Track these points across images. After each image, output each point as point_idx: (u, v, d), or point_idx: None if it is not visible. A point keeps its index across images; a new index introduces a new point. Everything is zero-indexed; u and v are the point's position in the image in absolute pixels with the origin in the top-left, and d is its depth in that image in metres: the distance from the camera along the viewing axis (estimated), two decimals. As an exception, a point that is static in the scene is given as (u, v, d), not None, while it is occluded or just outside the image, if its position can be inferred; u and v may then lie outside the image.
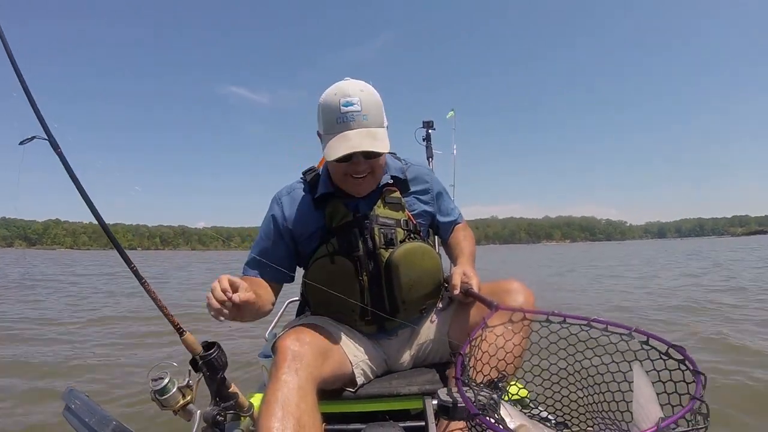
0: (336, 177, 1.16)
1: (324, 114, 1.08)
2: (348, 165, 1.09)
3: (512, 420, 0.75)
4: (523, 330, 0.91)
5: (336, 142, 1.04)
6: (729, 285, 6.99)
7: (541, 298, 1.14)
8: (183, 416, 1.02)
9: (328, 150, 1.05)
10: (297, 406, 0.86)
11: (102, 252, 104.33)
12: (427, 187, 1.30)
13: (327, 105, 1.07)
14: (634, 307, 5.19)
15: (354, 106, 1.05)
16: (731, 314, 4.42)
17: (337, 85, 1.09)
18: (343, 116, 1.04)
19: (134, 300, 7.62)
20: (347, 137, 1.04)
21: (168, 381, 1.00)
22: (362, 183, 1.14)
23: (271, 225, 1.22)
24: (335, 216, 1.16)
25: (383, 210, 1.18)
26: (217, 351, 1.03)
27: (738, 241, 46.88)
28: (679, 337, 3.50)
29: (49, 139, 1.00)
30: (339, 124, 1.05)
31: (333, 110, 1.05)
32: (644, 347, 0.72)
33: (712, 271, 9.53)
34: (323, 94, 1.09)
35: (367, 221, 1.15)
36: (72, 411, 0.94)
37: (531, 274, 9.49)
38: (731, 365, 2.69)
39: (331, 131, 1.06)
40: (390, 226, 1.16)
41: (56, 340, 5.32)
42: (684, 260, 12.28)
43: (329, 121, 1.06)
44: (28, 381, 3.60)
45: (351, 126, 1.05)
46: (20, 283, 10.80)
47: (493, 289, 1.12)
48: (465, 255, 1.28)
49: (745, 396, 2.20)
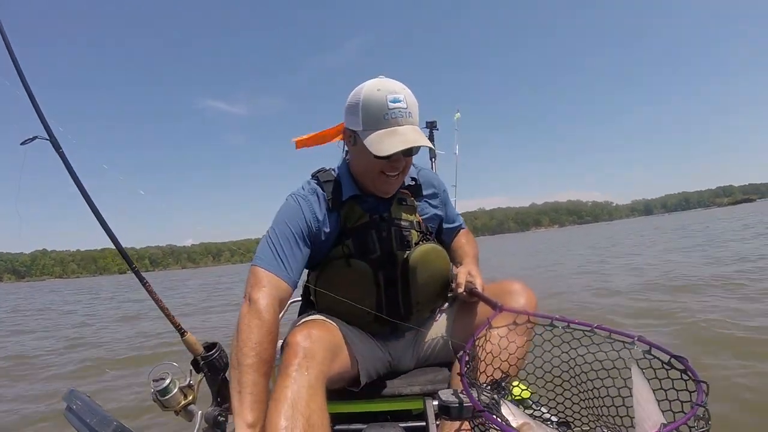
0: (368, 174, 1.14)
1: (367, 109, 1.06)
2: (387, 162, 1.08)
3: (515, 419, 0.75)
4: (526, 332, 0.91)
5: (386, 137, 1.04)
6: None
7: (542, 299, 1.14)
8: (184, 417, 1.03)
9: (377, 144, 1.03)
10: (307, 405, 0.84)
11: (93, 279, 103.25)
12: (437, 191, 1.31)
13: (371, 100, 1.05)
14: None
15: (401, 102, 1.05)
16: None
17: (377, 81, 1.08)
18: (392, 112, 1.04)
19: (134, 304, 7.64)
20: (399, 132, 1.04)
21: (169, 381, 1.00)
22: (394, 181, 1.14)
23: (291, 226, 1.13)
24: (351, 217, 1.15)
25: (399, 212, 1.18)
26: (218, 351, 1.04)
27: (725, 212, 46.45)
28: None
29: (51, 139, 1.00)
30: (386, 120, 1.04)
31: (379, 106, 1.04)
32: (646, 356, 0.72)
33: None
34: (361, 91, 1.07)
35: (384, 223, 1.15)
36: (73, 411, 0.94)
37: (530, 271, 9.48)
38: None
39: (375, 126, 1.05)
40: (405, 228, 1.16)
41: (57, 342, 5.35)
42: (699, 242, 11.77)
43: (374, 116, 1.05)
44: (30, 382, 3.62)
45: (399, 122, 1.05)
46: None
47: (495, 290, 1.12)
48: (469, 256, 1.29)
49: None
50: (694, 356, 2.14)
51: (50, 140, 1.00)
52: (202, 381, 1.05)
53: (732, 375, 2.29)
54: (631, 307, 4.29)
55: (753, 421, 1.85)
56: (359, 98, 1.07)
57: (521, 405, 0.96)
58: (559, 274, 8.17)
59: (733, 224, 17.22)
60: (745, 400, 2.01)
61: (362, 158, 1.10)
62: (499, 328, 0.88)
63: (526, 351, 0.94)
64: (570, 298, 5.19)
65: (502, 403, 0.78)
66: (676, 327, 3.32)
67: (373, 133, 1.05)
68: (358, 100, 1.07)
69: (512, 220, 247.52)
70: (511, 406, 0.78)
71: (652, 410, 0.66)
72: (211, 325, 5.81)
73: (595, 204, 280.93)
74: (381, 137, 1.04)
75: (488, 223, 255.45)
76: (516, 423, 0.74)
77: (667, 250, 9.94)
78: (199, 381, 1.05)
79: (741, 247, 8.46)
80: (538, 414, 0.91)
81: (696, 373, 0.65)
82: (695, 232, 15.82)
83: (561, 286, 6.19)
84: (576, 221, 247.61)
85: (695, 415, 0.59)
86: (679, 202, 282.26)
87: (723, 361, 2.50)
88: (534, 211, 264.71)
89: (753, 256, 6.75)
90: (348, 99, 1.11)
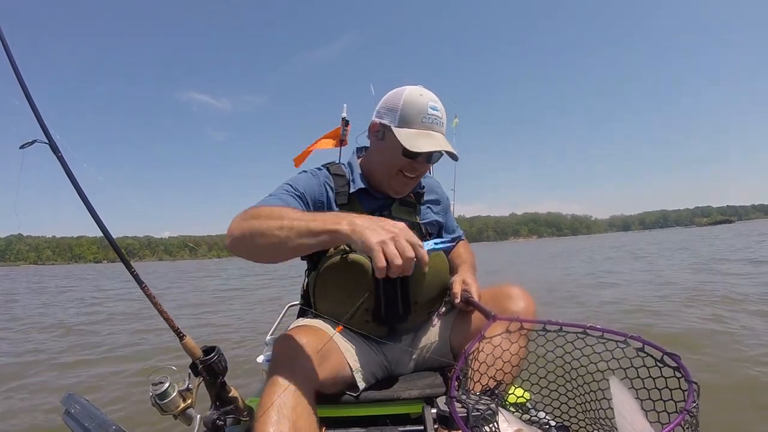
0: (387, 170, 1.17)
1: (407, 108, 1.11)
2: (410, 162, 1.13)
3: (509, 426, 0.76)
4: (521, 338, 0.92)
5: (421, 138, 1.09)
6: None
7: (539, 297, 1.17)
8: (183, 421, 1.03)
9: (412, 140, 1.08)
10: (293, 410, 0.85)
11: (70, 266, 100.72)
12: (439, 198, 1.35)
13: (413, 102, 1.11)
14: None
15: (438, 112, 1.13)
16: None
17: (419, 88, 1.14)
18: (430, 117, 1.11)
19: (134, 304, 7.59)
20: (433, 136, 1.10)
21: (168, 385, 1.00)
22: (410, 183, 1.19)
23: (301, 188, 1.14)
24: (353, 212, 1.16)
25: (400, 212, 1.21)
26: (217, 355, 1.04)
27: (708, 231, 46.93)
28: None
29: (50, 142, 1.00)
30: (423, 123, 1.10)
31: (420, 109, 1.10)
32: (640, 354, 0.73)
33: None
34: (403, 92, 1.13)
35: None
36: (72, 415, 0.94)
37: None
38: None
39: (411, 126, 1.10)
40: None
41: (56, 343, 5.31)
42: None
43: (413, 116, 1.10)
44: (28, 385, 3.59)
45: (434, 128, 1.12)
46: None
47: (494, 294, 1.13)
48: (466, 264, 1.31)
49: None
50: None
51: (49, 144, 1.00)
52: (201, 385, 1.05)
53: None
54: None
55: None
56: (400, 97, 1.12)
57: (520, 409, 0.97)
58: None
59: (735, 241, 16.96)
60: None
61: (386, 154, 1.15)
62: (493, 338, 0.89)
63: (520, 358, 0.95)
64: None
65: (498, 411, 0.78)
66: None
67: (405, 130, 1.10)
68: (399, 99, 1.12)
69: (491, 229, 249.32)
70: (506, 414, 0.78)
71: (638, 422, 0.65)
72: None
73: (575, 218, 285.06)
74: (415, 135, 1.09)
75: (468, 230, 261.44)
76: (510, 431, 0.74)
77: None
78: (197, 385, 1.05)
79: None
80: (537, 418, 0.91)
81: (688, 371, 0.66)
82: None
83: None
84: (555, 233, 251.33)
85: (684, 420, 0.59)
86: (658, 219, 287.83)
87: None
88: (513, 220, 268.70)
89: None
90: (386, 97, 1.17)
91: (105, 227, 1.01)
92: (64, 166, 1.00)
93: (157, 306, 1.04)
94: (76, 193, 0.99)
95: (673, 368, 0.67)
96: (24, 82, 0.96)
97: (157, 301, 1.03)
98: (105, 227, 1.01)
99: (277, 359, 0.94)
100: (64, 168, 1.00)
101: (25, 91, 0.98)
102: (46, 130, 0.99)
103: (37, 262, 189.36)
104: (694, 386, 0.63)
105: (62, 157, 1.01)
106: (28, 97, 0.98)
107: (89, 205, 1.00)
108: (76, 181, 1.00)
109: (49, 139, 0.99)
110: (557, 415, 0.88)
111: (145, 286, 1.04)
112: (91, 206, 1.00)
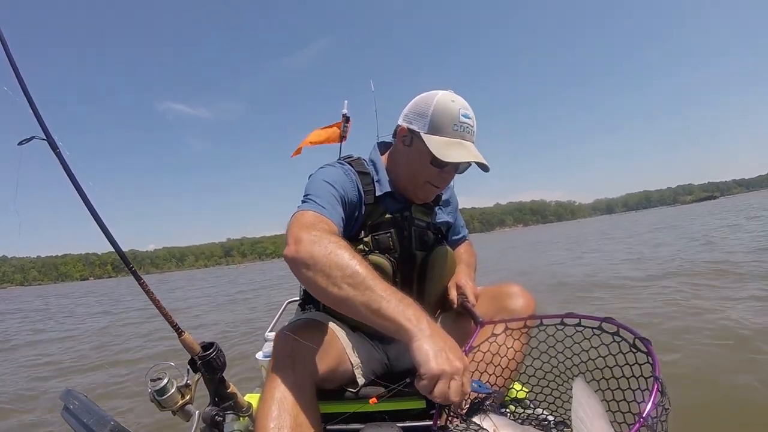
0: (413, 179, 1.13)
1: (438, 115, 1.06)
2: (438, 173, 1.09)
3: (496, 429, 0.75)
4: (522, 336, 0.93)
5: (453, 147, 1.04)
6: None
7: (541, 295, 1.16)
8: (182, 416, 1.03)
9: (443, 149, 1.03)
10: (294, 404, 0.85)
11: (58, 285, 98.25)
12: (450, 200, 1.34)
13: (445, 108, 1.06)
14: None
15: (470, 120, 1.07)
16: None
17: (450, 93, 1.09)
18: (461, 125, 1.06)
19: (134, 302, 7.55)
20: (465, 146, 1.05)
21: (167, 381, 1.00)
22: (435, 191, 1.16)
23: (335, 185, 1.07)
24: (373, 213, 1.15)
25: (417, 212, 1.20)
26: (215, 351, 1.04)
27: (696, 208, 44.60)
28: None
29: (48, 139, 1.00)
30: (454, 131, 1.05)
31: (452, 116, 1.05)
32: (615, 338, 0.73)
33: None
34: (434, 97, 1.08)
35: (405, 222, 1.16)
36: (70, 411, 0.94)
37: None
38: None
39: (441, 133, 1.06)
40: (423, 228, 1.19)
41: (55, 342, 5.28)
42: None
43: (444, 123, 1.05)
44: (28, 381, 3.58)
45: (466, 137, 1.07)
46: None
47: (493, 293, 1.14)
48: (463, 263, 1.31)
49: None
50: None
51: (47, 140, 1.00)
52: (200, 381, 1.06)
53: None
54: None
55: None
56: (431, 102, 1.07)
57: (519, 405, 0.98)
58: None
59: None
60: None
61: (414, 162, 1.10)
62: (482, 343, 0.91)
63: (510, 359, 0.96)
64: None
65: (485, 416, 0.78)
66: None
67: (435, 137, 1.05)
68: (429, 104, 1.07)
69: (477, 220, 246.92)
70: (496, 418, 0.78)
71: (600, 427, 0.63)
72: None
73: (559, 204, 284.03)
74: (447, 144, 1.04)
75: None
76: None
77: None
78: (196, 381, 1.06)
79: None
80: (536, 414, 0.91)
81: (656, 360, 0.65)
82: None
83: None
84: (540, 221, 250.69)
85: (642, 426, 0.58)
86: (641, 200, 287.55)
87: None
88: (498, 210, 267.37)
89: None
90: (415, 101, 1.12)
91: (102, 221, 1.01)
92: (63, 164, 1.00)
93: (155, 302, 1.05)
94: (76, 192, 1.00)
95: (645, 353, 0.68)
96: (22, 78, 0.96)
97: (155, 297, 1.03)
98: (102, 221, 1.01)
99: (278, 354, 0.94)
100: (63, 166, 1.00)
101: (23, 89, 0.98)
102: (44, 127, 0.99)
103: (23, 283, 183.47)
104: (658, 384, 0.62)
105: (61, 154, 1.01)
106: (26, 94, 0.98)
107: (89, 204, 1.00)
108: (76, 179, 1.01)
109: (47, 136, 0.99)
110: (553, 409, 0.89)
111: (143, 282, 1.05)
112: (91, 205, 1.00)
